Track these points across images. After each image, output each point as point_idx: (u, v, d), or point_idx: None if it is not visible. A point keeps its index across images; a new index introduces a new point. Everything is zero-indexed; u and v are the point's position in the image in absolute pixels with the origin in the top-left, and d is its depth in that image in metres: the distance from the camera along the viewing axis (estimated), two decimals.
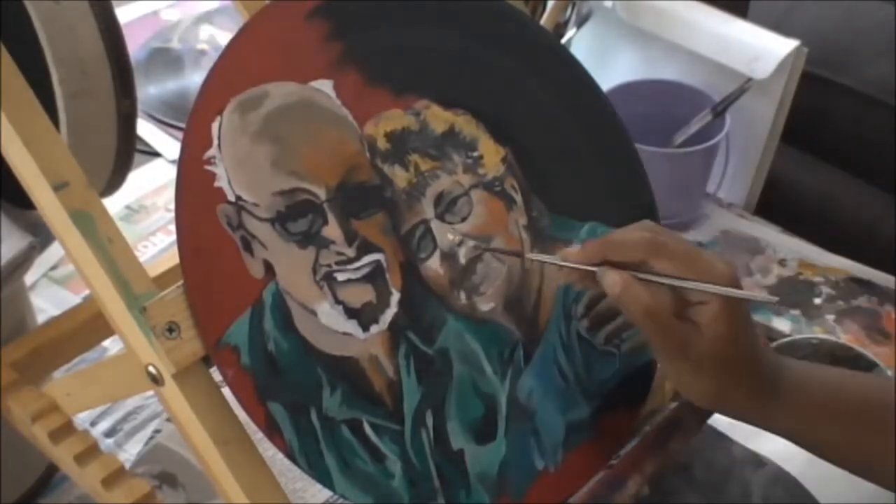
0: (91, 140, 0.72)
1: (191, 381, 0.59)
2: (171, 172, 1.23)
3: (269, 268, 0.61)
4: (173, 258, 0.67)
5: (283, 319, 0.61)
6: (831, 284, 1.15)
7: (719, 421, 0.86)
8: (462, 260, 0.67)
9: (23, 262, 0.77)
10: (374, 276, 0.64)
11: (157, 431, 0.95)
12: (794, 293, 1.14)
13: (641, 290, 0.58)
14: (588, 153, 0.73)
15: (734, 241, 1.21)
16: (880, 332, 1.09)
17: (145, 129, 1.33)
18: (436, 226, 0.66)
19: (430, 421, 0.65)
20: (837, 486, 0.85)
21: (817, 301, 1.13)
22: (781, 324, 1.09)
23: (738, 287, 0.59)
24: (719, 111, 1.17)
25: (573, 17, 1.26)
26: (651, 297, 0.58)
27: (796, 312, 1.11)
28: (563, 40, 1.23)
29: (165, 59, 1.46)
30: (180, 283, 0.59)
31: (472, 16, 0.70)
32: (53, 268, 1.13)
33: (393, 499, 0.63)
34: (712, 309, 0.58)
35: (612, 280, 0.59)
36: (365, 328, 0.63)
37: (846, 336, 1.08)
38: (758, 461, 0.86)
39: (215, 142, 0.61)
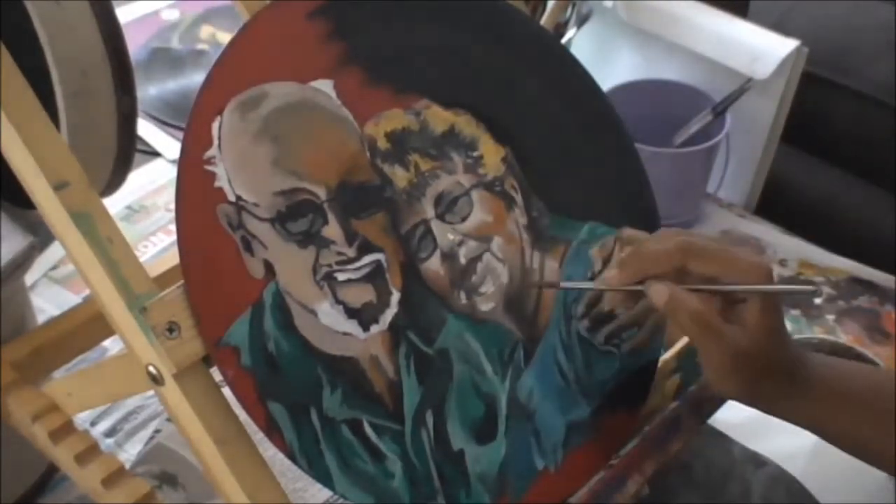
0: (91, 140, 0.72)
1: (191, 381, 0.59)
2: (171, 172, 1.24)
3: (269, 268, 0.61)
4: (173, 258, 0.67)
5: (284, 319, 0.61)
6: (831, 284, 1.15)
7: (719, 421, 0.86)
8: (462, 260, 0.67)
9: (23, 262, 0.77)
10: (375, 276, 0.64)
11: (157, 431, 0.95)
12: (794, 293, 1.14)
13: (688, 297, 0.59)
14: (588, 153, 0.73)
15: (734, 241, 1.21)
16: (880, 332, 1.09)
17: (145, 129, 1.33)
18: (436, 226, 0.66)
19: (430, 421, 0.65)
20: (837, 486, 0.85)
21: (817, 301, 1.13)
22: None
23: (774, 282, 0.60)
24: (719, 111, 1.17)
25: (573, 17, 1.26)
26: (698, 302, 0.59)
27: (796, 312, 1.11)
28: (563, 40, 1.23)
29: (165, 59, 1.46)
30: (180, 283, 0.59)
31: (472, 15, 0.70)
32: (53, 268, 1.13)
33: (393, 499, 0.63)
34: (755, 307, 0.59)
35: (658, 291, 0.60)
36: (365, 328, 0.63)
37: (846, 336, 1.08)
38: (758, 461, 0.86)
39: (215, 142, 0.61)
